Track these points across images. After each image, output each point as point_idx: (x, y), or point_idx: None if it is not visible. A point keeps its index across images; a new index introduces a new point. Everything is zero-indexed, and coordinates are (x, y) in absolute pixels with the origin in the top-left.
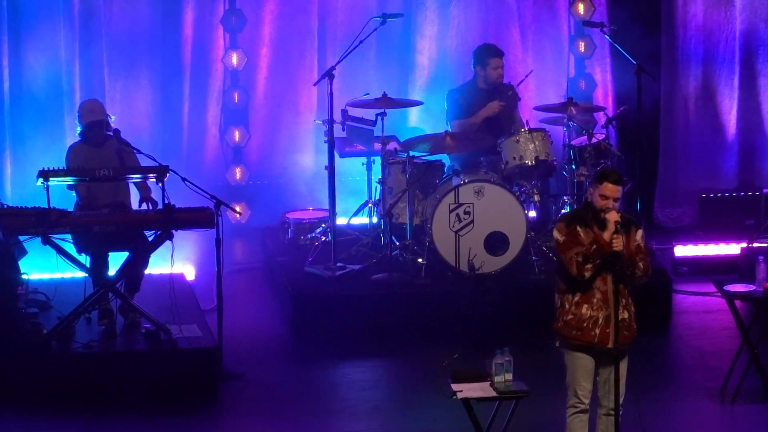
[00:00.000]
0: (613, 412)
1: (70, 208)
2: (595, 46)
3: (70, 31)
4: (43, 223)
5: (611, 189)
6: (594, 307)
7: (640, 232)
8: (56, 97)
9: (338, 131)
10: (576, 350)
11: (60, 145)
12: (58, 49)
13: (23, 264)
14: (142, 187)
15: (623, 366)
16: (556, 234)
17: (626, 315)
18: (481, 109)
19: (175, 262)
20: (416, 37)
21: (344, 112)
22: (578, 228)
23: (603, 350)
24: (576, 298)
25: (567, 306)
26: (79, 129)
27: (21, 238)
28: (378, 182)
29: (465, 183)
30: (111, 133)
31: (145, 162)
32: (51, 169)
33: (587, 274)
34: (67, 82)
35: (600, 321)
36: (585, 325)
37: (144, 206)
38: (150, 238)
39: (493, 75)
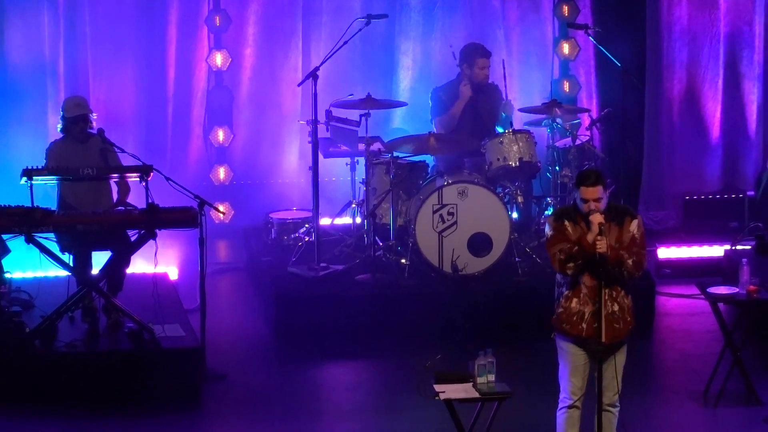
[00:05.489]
0: (609, 409)
1: (54, 207)
2: (580, 48)
3: (54, 29)
4: (27, 222)
5: (589, 192)
6: (581, 302)
7: (635, 223)
8: (40, 96)
9: (322, 132)
10: (569, 343)
11: (43, 144)
12: (42, 48)
13: (6, 263)
14: (122, 190)
15: (620, 360)
16: (546, 227)
17: (616, 308)
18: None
19: (159, 261)
20: (400, 39)
21: (328, 112)
22: (566, 223)
23: (594, 344)
24: (567, 292)
25: (560, 299)
26: (60, 126)
27: (4, 236)
28: (362, 183)
29: (449, 184)
30: (95, 132)
31: (129, 162)
32: (35, 167)
33: (569, 272)
34: (52, 82)
35: (586, 316)
36: (574, 319)
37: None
38: (133, 238)
39: (479, 75)
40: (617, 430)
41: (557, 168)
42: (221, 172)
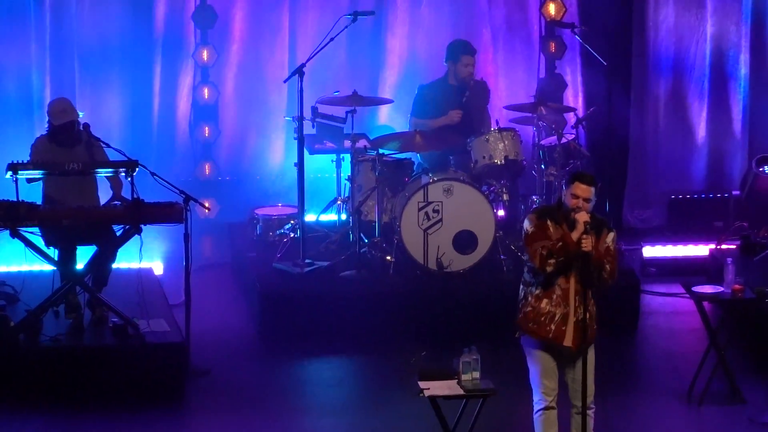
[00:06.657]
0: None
1: (38, 202)
2: (566, 46)
3: (40, 27)
4: (12, 216)
5: (582, 189)
6: (553, 303)
7: (611, 235)
8: (26, 93)
9: (308, 128)
10: (535, 347)
11: (29, 139)
12: (28, 45)
13: None
14: (115, 185)
15: (590, 365)
16: (526, 224)
17: (587, 315)
18: (447, 107)
19: (144, 256)
20: (387, 36)
21: (314, 109)
22: (548, 222)
23: (561, 348)
24: (537, 292)
25: (529, 298)
26: (47, 127)
27: None
28: (347, 180)
29: (434, 181)
30: (81, 128)
31: (115, 157)
32: (20, 162)
33: (549, 269)
34: (38, 78)
35: (557, 317)
36: (542, 319)
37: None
38: (118, 233)
39: (464, 72)
40: (595, 430)
41: (543, 166)
42: (207, 168)
